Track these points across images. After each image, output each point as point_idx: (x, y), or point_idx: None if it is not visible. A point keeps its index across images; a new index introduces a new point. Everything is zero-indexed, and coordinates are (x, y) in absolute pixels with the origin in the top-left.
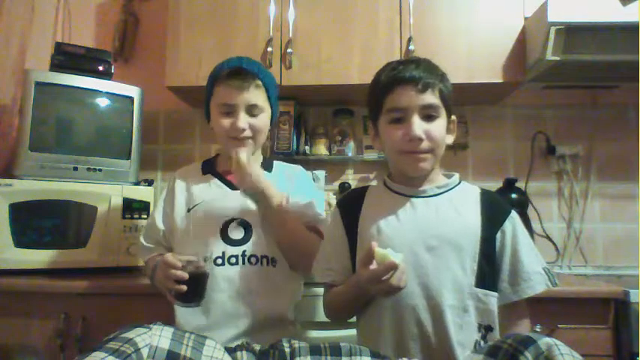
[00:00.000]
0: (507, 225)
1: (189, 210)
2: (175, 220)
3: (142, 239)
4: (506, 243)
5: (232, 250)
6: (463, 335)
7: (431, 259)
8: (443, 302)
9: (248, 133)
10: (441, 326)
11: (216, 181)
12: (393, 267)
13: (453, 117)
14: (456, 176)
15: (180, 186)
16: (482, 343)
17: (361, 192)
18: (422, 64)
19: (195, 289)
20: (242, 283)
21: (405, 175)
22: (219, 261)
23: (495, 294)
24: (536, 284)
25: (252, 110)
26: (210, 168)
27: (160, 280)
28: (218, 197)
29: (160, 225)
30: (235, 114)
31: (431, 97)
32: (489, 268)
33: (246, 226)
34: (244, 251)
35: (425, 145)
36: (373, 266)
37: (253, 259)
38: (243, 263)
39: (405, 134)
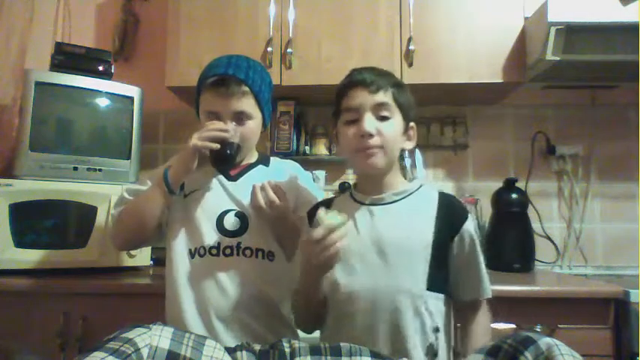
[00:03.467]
0: (465, 229)
1: (185, 196)
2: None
3: (124, 193)
4: (464, 247)
5: (228, 240)
6: (417, 339)
7: (382, 266)
8: (395, 307)
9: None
10: (394, 331)
11: (215, 170)
12: (329, 229)
13: (412, 124)
14: (416, 181)
15: None
16: (434, 345)
17: (327, 202)
18: (376, 70)
19: (231, 152)
20: (236, 274)
21: (363, 175)
22: (214, 251)
23: (442, 295)
24: (488, 289)
25: (239, 117)
26: None
27: (195, 143)
28: (215, 186)
29: None
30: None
31: (383, 97)
32: (439, 271)
33: (243, 218)
34: (239, 243)
35: (376, 140)
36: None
37: (248, 252)
38: (238, 255)
39: (357, 132)
